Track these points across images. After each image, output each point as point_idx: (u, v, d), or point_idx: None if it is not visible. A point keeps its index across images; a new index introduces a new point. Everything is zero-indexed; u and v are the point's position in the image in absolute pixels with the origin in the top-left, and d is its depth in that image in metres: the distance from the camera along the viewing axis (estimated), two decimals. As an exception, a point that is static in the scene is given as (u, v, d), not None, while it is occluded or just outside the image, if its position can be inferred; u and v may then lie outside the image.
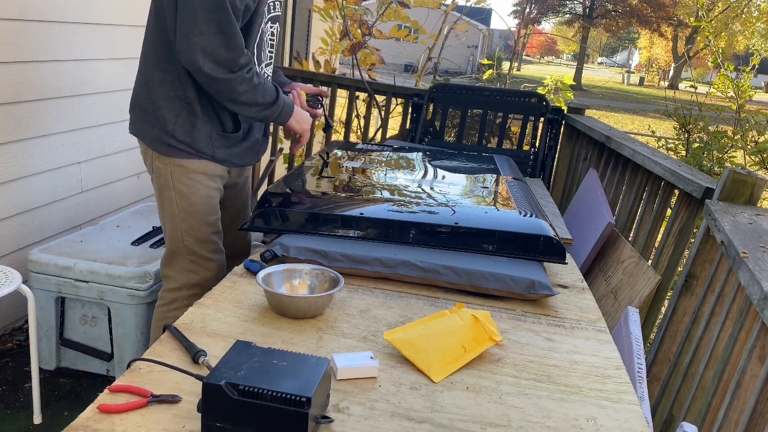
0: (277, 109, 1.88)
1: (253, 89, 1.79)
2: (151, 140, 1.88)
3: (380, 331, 1.39)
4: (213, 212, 1.96)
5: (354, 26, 4.19)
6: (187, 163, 1.88)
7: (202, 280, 1.97)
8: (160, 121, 1.84)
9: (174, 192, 1.90)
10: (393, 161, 2.39)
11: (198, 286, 1.96)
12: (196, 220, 1.92)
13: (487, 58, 8.16)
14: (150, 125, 1.87)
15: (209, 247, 1.96)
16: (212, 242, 1.97)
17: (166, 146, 1.86)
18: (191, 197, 1.90)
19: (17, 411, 2.29)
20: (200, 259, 1.96)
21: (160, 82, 1.82)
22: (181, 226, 1.92)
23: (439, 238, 1.75)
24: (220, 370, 0.99)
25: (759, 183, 1.80)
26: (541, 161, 3.56)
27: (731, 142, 3.69)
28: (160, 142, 1.86)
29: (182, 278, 1.96)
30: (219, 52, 1.69)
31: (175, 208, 1.91)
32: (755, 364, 1.31)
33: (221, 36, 1.68)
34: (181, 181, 1.89)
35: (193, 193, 1.90)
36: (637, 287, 1.99)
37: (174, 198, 1.91)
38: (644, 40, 44.65)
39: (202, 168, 1.90)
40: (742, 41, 31.76)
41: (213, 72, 1.70)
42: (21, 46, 2.58)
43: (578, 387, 1.25)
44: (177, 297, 1.98)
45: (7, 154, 2.61)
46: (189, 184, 1.89)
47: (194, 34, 1.67)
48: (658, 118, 17.07)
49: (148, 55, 1.84)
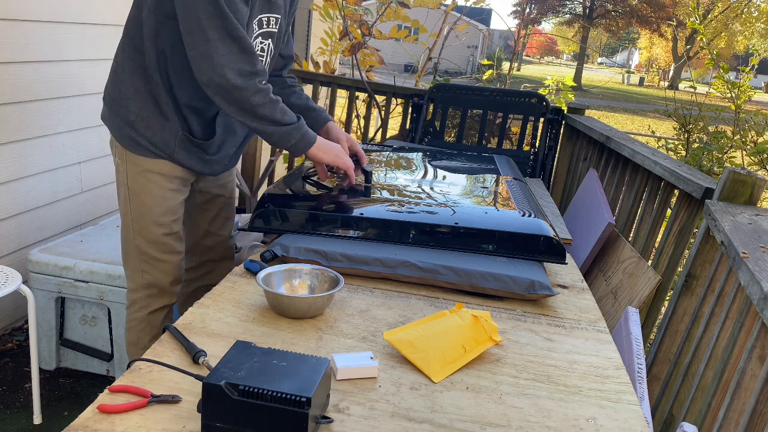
0: (297, 133, 1.75)
1: (271, 103, 1.69)
2: (117, 131, 1.83)
3: (380, 331, 1.39)
4: (167, 213, 1.88)
5: (354, 26, 4.19)
6: (143, 161, 1.82)
7: (156, 281, 1.91)
8: (123, 110, 1.79)
9: (128, 189, 1.85)
10: (393, 161, 2.39)
11: (153, 287, 1.92)
12: (148, 220, 1.86)
13: (487, 59, 8.17)
14: (114, 113, 1.82)
15: (161, 247, 1.89)
16: (164, 243, 1.90)
17: (127, 138, 1.80)
18: (143, 197, 1.84)
19: (17, 411, 2.29)
20: (151, 260, 1.89)
21: (130, 71, 1.76)
22: (133, 225, 1.87)
23: (439, 238, 1.75)
24: (220, 370, 0.99)
25: (759, 183, 1.80)
26: (541, 161, 3.56)
27: (731, 142, 3.69)
28: (121, 132, 1.81)
29: (137, 278, 1.92)
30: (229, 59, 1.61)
31: (128, 206, 1.86)
32: (755, 364, 1.31)
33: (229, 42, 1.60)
34: (135, 179, 1.83)
35: (145, 192, 1.84)
36: (637, 287, 1.99)
37: (128, 196, 1.85)
38: (644, 40, 44.66)
39: (158, 168, 1.83)
40: (742, 41, 31.77)
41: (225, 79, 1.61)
42: (21, 46, 2.58)
43: (578, 387, 1.25)
44: (136, 298, 1.93)
45: (7, 154, 2.61)
46: (143, 183, 1.83)
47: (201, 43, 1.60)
48: (658, 118, 17.08)
49: (124, 44, 1.79)
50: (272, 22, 1.83)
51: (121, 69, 1.79)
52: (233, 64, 1.62)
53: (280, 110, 1.71)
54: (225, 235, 2.18)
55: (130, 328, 1.97)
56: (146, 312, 1.94)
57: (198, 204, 2.08)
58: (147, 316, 1.94)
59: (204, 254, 2.17)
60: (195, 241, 2.15)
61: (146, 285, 1.92)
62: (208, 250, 2.16)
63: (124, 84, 1.78)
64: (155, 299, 1.94)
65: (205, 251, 2.17)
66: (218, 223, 2.14)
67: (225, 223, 2.16)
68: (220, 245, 2.17)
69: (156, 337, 1.95)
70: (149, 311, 1.94)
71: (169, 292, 1.96)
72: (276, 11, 1.82)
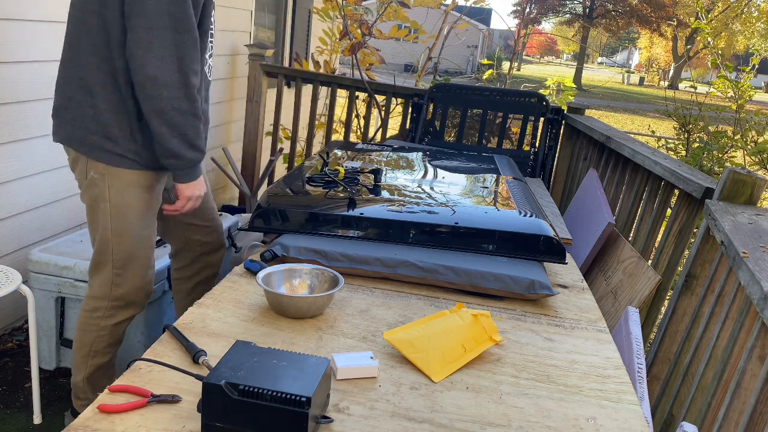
0: (195, 161, 1.73)
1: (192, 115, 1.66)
2: (87, 147, 1.74)
3: (380, 331, 1.39)
4: (147, 226, 1.85)
5: (354, 26, 4.19)
6: (125, 175, 1.77)
7: (126, 294, 1.88)
8: (102, 127, 1.71)
9: (109, 204, 1.78)
10: (393, 161, 2.39)
11: (121, 300, 1.88)
12: (130, 235, 1.82)
13: (487, 58, 8.17)
14: (87, 131, 1.72)
15: (139, 262, 1.86)
16: (143, 257, 1.87)
17: (107, 153, 1.73)
18: (126, 212, 1.80)
19: (17, 411, 2.29)
20: (127, 274, 1.85)
21: (102, 84, 1.68)
22: (113, 240, 1.81)
23: (439, 238, 1.75)
24: (220, 370, 0.99)
25: (759, 183, 1.80)
26: (541, 161, 3.56)
27: (731, 142, 3.69)
28: (100, 149, 1.73)
29: (105, 289, 1.87)
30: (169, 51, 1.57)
31: (108, 221, 1.80)
32: (755, 364, 1.31)
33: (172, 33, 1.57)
34: (118, 194, 1.78)
35: (129, 207, 1.79)
36: (637, 287, 1.99)
37: (108, 210, 1.79)
38: (644, 40, 44.65)
39: (137, 179, 1.79)
40: (742, 41, 31.76)
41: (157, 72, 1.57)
42: (21, 47, 2.58)
43: (578, 387, 1.25)
44: (99, 306, 1.89)
45: (7, 154, 2.61)
46: (125, 198, 1.79)
47: (146, 28, 1.55)
48: (658, 118, 17.08)
49: (84, 56, 1.68)
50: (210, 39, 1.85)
51: (91, 83, 1.69)
52: (172, 58, 1.59)
53: (195, 130, 1.69)
54: (212, 225, 2.13)
55: (87, 331, 1.91)
56: (111, 322, 1.90)
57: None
58: (111, 326, 1.91)
59: (194, 249, 2.13)
60: (183, 239, 2.12)
61: (115, 297, 1.88)
62: (198, 244, 2.13)
63: (98, 98, 1.69)
64: (122, 311, 1.91)
65: (195, 246, 2.13)
66: (200, 215, 2.08)
67: (207, 214, 2.10)
68: (208, 236, 2.13)
69: (112, 344, 1.95)
70: (114, 322, 1.91)
71: (138, 305, 1.93)
72: None
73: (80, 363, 1.94)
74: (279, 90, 4.12)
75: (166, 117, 1.65)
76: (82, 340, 1.93)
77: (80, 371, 1.95)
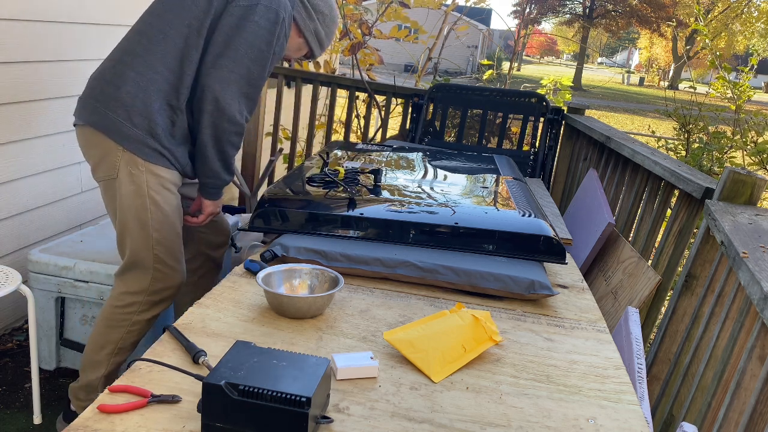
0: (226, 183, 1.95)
1: (237, 149, 1.89)
2: (126, 140, 1.79)
3: (380, 331, 1.39)
4: (179, 221, 1.95)
5: (354, 26, 4.19)
6: (163, 172, 1.85)
7: (165, 287, 1.93)
8: (148, 123, 1.79)
9: (149, 200, 1.84)
10: (393, 161, 2.39)
11: (158, 294, 1.94)
12: (170, 230, 1.89)
13: (487, 58, 8.17)
14: (131, 123, 1.79)
15: (177, 256, 1.94)
16: (180, 251, 1.95)
17: (150, 149, 1.81)
18: (165, 208, 1.87)
19: (17, 411, 2.29)
20: (167, 268, 1.92)
21: (158, 87, 1.79)
22: (154, 235, 1.87)
23: (439, 238, 1.75)
24: (220, 370, 0.99)
25: (759, 183, 1.80)
26: (541, 161, 3.56)
27: (731, 142, 3.69)
28: (142, 143, 1.80)
29: (143, 284, 1.91)
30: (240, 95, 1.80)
31: (149, 217, 1.85)
32: (755, 364, 1.31)
33: (247, 85, 1.79)
34: (157, 190, 1.84)
35: (167, 203, 1.87)
36: (637, 287, 1.99)
37: (148, 207, 1.84)
38: (644, 40, 44.64)
39: (173, 178, 1.89)
40: (742, 41, 31.76)
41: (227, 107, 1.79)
42: (21, 46, 2.58)
43: (578, 387, 1.25)
44: (135, 301, 1.92)
45: (7, 154, 2.61)
46: (163, 194, 1.86)
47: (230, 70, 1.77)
48: (658, 118, 17.08)
49: (154, 58, 1.79)
50: None
51: (149, 82, 1.79)
52: (240, 101, 1.82)
53: (233, 160, 1.92)
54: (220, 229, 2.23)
55: (118, 327, 1.93)
56: (145, 317, 1.94)
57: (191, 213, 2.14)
58: (145, 321, 1.95)
59: (200, 243, 2.22)
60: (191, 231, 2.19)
61: (153, 291, 1.92)
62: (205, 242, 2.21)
63: (152, 98, 1.79)
64: (156, 306, 1.95)
65: (201, 243, 2.22)
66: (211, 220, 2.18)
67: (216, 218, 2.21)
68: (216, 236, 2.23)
69: (138, 342, 1.99)
70: (149, 316, 1.95)
71: (170, 299, 1.98)
72: None
73: (101, 361, 1.95)
74: (279, 90, 4.12)
75: (219, 144, 1.85)
76: (108, 337, 1.95)
77: (98, 369, 1.96)
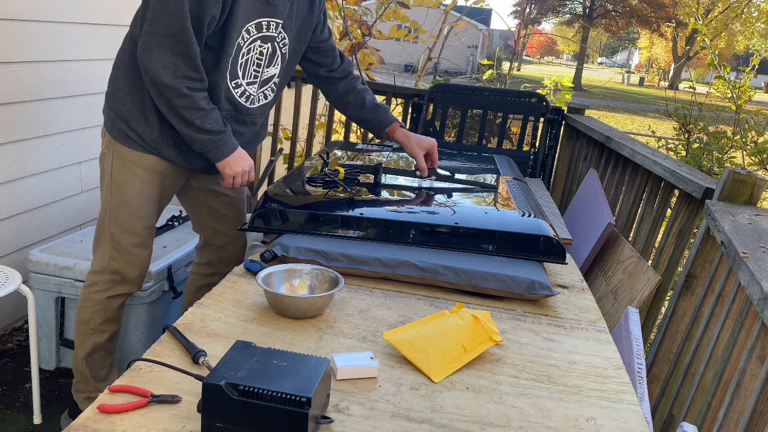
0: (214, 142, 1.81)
1: (195, 109, 1.75)
2: (108, 119, 1.90)
3: (380, 331, 1.39)
4: (145, 206, 1.93)
5: (354, 26, 4.19)
6: (129, 154, 1.87)
7: (121, 269, 1.96)
8: (117, 104, 1.85)
9: (110, 178, 1.90)
10: (393, 161, 2.39)
11: (117, 274, 1.96)
12: (125, 211, 1.91)
13: (487, 58, 8.16)
14: (109, 105, 1.88)
15: (133, 239, 1.94)
16: (137, 235, 1.95)
17: (117, 130, 1.87)
18: (125, 188, 1.90)
19: (17, 411, 2.29)
20: (121, 249, 1.94)
21: (127, 65, 1.82)
22: (110, 212, 1.92)
23: (439, 238, 1.75)
24: (220, 370, 0.99)
25: (759, 183, 1.80)
26: (541, 161, 3.56)
27: (731, 142, 3.69)
28: (113, 124, 1.87)
29: (103, 262, 1.96)
30: (167, 56, 1.68)
31: (108, 194, 1.92)
32: (755, 364, 1.31)
33: (171, 41, 1.67)
34: (119, 170, 1.89)
35: (127, 184, 1.89)
36: (637, 287, 1.99)
37: (110, 185, 1.91)
38: (644, 40, 44.65)
39: (142, 161, 1.88)
40: (742, 41, 31.77)
41: (156, 74, 1.69)
42: (21, 46, 2.58)
43: (578, 387, 1.25)
44: (97, 280, 1.97)
45: (7, 154, 2.61)
46: (126, 174, 1.89)
47: (149, 33, 1.68)
48: (658, 118, 17.08)
49: (126, 39, 1.85)
50: (272, 26, 1.86)
51: (120, 62, 1.85)
52: (169, 63, 1.69)
53: (201, 117, 1.77)
54: (234, 236, 2.21)
55: (85, 307, 2.00)
56: (105, 295, 1.98)
57: (201, 201, 2.12)
58: (105, 299, 1.98)
59: (214, 253, 2.22)
60: (205, 239, 2.21)
61: (112, 271, 1.96)
62: (218, 249, 2.21)
63: (122, 77, 1.84)
64: (117, 285, 1.98)
65: (215, 250, 2.21)
66: (225, 222, 2.16)
67: (233, 223, 2.18)
68: (229, 245, 2.21)
69: (108, 321, 2.02)
70: (108, 295, 1.98)
71: (132, 282, 2.00)
72: (276, 16, 1.84)
73: (79, 343, 2.03)
74: (279, 90, 4.11)
75: (172, 112, 1.77)
76: (81, 318, 2.01)
77: (79, 351, 2.03)
